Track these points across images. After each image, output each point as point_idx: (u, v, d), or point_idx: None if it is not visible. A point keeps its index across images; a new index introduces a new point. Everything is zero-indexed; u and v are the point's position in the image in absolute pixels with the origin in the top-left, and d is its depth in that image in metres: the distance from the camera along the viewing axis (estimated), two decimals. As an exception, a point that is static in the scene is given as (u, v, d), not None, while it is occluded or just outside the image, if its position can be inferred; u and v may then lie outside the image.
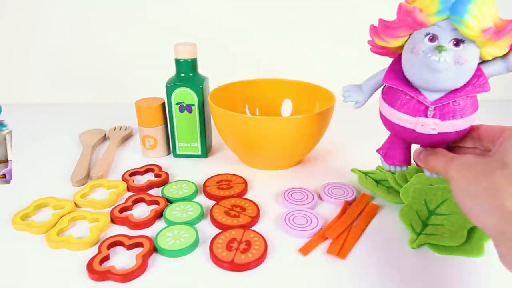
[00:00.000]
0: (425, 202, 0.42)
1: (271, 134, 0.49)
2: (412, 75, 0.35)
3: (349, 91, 0.42)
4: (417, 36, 0.34)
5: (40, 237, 0.41)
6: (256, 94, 0.63)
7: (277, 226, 0.43)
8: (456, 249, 0.38)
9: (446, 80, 0.34)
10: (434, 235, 0.39)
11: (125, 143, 0.65)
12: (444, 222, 0.40)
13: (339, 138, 0.65)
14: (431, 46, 0.33)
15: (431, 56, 0.33)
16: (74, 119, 0.74)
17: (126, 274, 0.35)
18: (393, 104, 0.37)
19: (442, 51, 0.32)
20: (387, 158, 0.43)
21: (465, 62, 0.33)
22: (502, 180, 0.27)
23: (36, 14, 0.78)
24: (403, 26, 0.35)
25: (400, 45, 0.36)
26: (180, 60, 0.54)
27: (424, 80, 0.34)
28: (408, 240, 0.40)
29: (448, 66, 0.33)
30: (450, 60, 0.33)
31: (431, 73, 0.33)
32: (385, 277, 0.36)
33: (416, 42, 0.34)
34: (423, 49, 0.33)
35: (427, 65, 0.33)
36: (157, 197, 0.47)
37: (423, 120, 0.35)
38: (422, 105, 0.35)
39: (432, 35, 0.33)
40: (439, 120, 0.35)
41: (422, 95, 0.35)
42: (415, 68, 0.34)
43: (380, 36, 0.37)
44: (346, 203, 0.46)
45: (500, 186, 0.27)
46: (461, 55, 0.33)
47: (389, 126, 0.40)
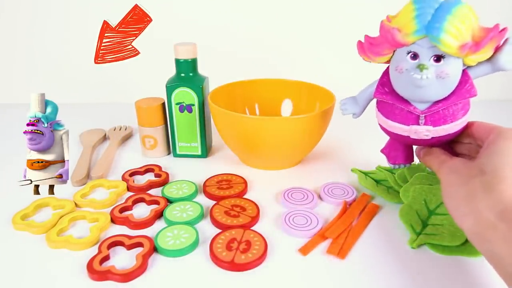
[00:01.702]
0: (425, 202, 0.42)
1: (271, 134, 0.49)
2: (399, 90, 0.37)
3: (345, 104, 0.45)
4: (400, 53, 0.36)
5: (40, 237, 0.41)
6: (256, 94, 0.63)
7: (277, 226, 0.43)
8: (456, 249, 0.38)
9: (431, 94, 0.35)
10: (434, 235, 0.39)
11: (125, 143, 0.65)
12: (444, 222, 0.40)
13: (339, 138, 0.65)
14: (413, 64, 0.35)
15: (413, 74, 0.34)
16: (74, 119, 0.73)
17: (126, 274, 0.35)
18: (387, 115, 0.40)
19: (424, 69, 0.34)
20: (390, 158, 0.45)
21: (447, 76, 0.34)
22: (479, 186, 0.30)
23: (36, 13, 0.78)
24: (385, 44, 0.36)
25: (387, 60, 0.38)
26: (180, 60, 0.54)
27: (410, 94, 0.36)
28: (408, 240, 0.40)
29: (431, 82, 0.34)
30: (432, 76, 0.34)
31: (416, 89, 0.35)
32: (385, 277, 0.36)
33: (399, 61, 0.36)
34: (406, 67, 0.35)
35: (411, 82, 0.35)
36: (157, 197, 0.47)
37: (415, 128, 0.37)
38: (413, 115, 0.37)
39: (414, 53, 0.35)
40: (431, 127, 0.37)
41: (412, 106, 0.37)
42: (401, 84, 0.37)
43: (366, 53, 0.38)
44: (346, 203, 0.46)
45: (476, 192, 0.30)
46: (442, 70, 0.34)
47: (386, 132, 0.42)
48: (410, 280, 0.36)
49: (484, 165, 0.31)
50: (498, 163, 0.30)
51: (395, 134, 0.40)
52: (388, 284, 0.35)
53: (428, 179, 0.45)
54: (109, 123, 0.69)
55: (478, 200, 0.29)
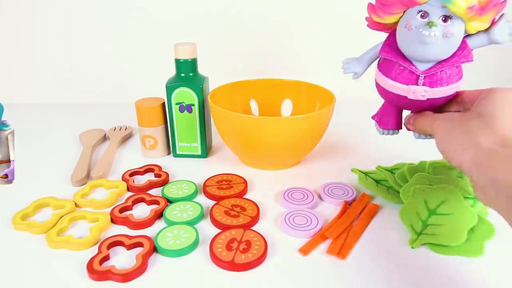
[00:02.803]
0: (425, 202, 0.42)
1: (271, 134, 0.49)
2: (405, 48, 0.39)
3: (348, 63, 0.45)
4: (410, 13, 0.38)
5: (40, 237, 0.41)
6: (256, 94, 0.63)
7: (277, 226, 0.43)
8: (456, 249, 0.38)
9: (435, 52, 0.38)
10: (434, 235, 0.39)
11: (125, 143, 0.65)
12: (444, 222, 0.40)
13: (339, 138, 0.65)
14: (423, 22, 0.37)
15: (422, 31, 0.37)
16: (74, 119, 0.74)
17: (126, 274, 0.35)
18: (388, 74, 0.41)
19: (433, 26, 0.36)
20: (381, 123, 0.47)
21: (452, 36, 0.37)
22: (476, 124, 0.32)
23: (36, 13, 0.78)
24: (398, 4, 0.38)
25: (395, 21, 0.40)
26: (180, 60, 0.54)
27: (415, 52, 0.39)
28: (409, 240, 0.40)
29: (437, 39, 0.37)
30: (439, 34, 0.37)
31: (422, 46, 0.38)
32: (385, 277, 0.36)
33: (409, 19, 0.38)
34: (416, 25, 0.37)
35: (418, 38, 0.37)
36: (157, 197, 0.47)
37: (414, 88, 0.40)
38: (413, 75, 0.40)
39: (424, 12, 0.37)
40: (428, 88, 0.39)
41: (413, 65, 0.40)
42: (408, 42, 0.39)
43: (377, 13, 0.40)
44: (346, 203, 0.46)
45: (475, 129, 0.32)
46: (448, 30, 0.37)
47: (383, 93, 0.44)
48: (410, 280, 0.36)
49: (481, 110, 0.33)
50: (494, 107, 0.33)
51: (392, 94, 0.42)
52: (388, 284, 0.35)
53: (428, 179, 0.45)
54: (109, 123, 0.69)
55: (477, 135, 0.32)
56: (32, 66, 0.82)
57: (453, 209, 0.41)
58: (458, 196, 0.41)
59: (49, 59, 0.81)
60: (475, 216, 0.40)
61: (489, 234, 0.39)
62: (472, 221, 0.39)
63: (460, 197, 0.41)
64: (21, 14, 0.78)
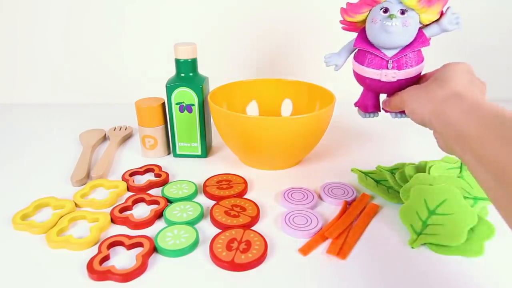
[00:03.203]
0: (425, 202, 0.42)
1: (271, 134, 0.49)
2: (373, 38, 0.48)
3: (330, 57, 0.53)
4: (375, 10, 0.47)
5: (40, 237, 0.41)
6: (256, 94, 0.63)
7: (277, 226, 0.43)
8: (456, 249, 0.38)
9: (398, 38, 0.46)
10: (434, 235, 0.39)
11: (125, 143, 0.65)
12: (444, 222, 0.40)
13: (339, 138, 0.65)
14: (385, 15, 0.46)
15: (386, 22, 0.46)
16: (74, 119, 0.74)
17: (126, 274, 0.35)
18: (362, 62, 0.50)
19: (393, 18, 0.45)
20: (362, 107, 0.54)
21: (410, 24, 0.46)
22: (434, 85, 0.41)
23: (35, 13, 0.78)
24: (364, 5, 0.48)
25: (363, 20, 0.49)
26: (180, 60, 0.54)
27: (382, 40, 0.47)
28: (409, 240, 0.40)
29: (398, 28, 0.46)
30: (399, 23, 0.46)
31: (386, 34, 0.46)
32: (385, 277, 0.36)
33: (374, 14, 0.47)
34: (380, 18, 0.46)
35: (383, 28, 0.46)
36: (157, 197, 0.47)
37: (386, 72, 0.48)
38: (383, 60, 0.48)
39: (385, 8, 0.46)
40: (397, 70, 0.48)
41: (382, 53, 0.48)
42: (375, 32, 0.47)
43: (349, 13, 0.49)
44: (346, 203, 0.46)
45: (433, 89, 0.41)
46: (406, 20, 0.46)
47: (360, 80, 0.51)
48: (410, 280, 0.36)
49: (437, 76, 0.42)
50: (448, 72, 0.41)
51: (368, 79, 0.50)
52: (388, 284, 0.35)
53: (428, 179, 0.45)
54: (109, 123, 0.69)
55: (435, 93, 0.40)
56: (32, 66, 0.82)
57: (453, 209, 0.41)
58: (458, 196, 0.41)
59: (49, 59, 0.81)
60: (475, 216, 0.40)
61: (489, 234, 0.39)
62: (472, 221, 0.39)
63: (460, 197, 0.41)
64: (21, 14, 0.78)
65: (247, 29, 0.80)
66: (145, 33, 0.80)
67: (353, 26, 0.51)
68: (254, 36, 0.81)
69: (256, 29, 0.80)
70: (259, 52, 0.82)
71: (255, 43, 0.81)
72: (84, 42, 0.81)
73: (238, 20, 0.79)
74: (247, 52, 0.82)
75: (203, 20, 0.79)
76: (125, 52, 0.81)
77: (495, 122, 0.33)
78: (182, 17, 0.79)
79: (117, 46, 0.81)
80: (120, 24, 0.79)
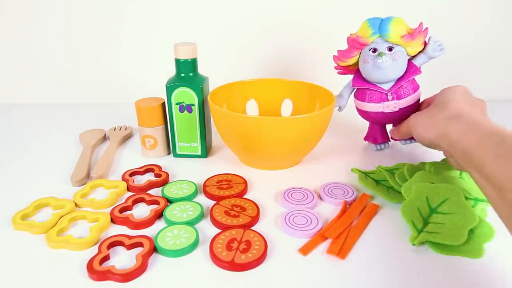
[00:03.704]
0: (427, 199, 0.42)
1: (271, 134, 0.49)
2: (368, 76, 0.53)
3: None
4: (364, 52, 0.53)
5: (40, 237, 0.41)
6: (256, 94, 0.63)
7: (277, 226, 0.43)
8: (456, 249, 0.38)
9: (390, 73, 0.51)
10: (435, 233, 0.39)
11: (125, 143, 0.65)
12: (445, 221, 0.40)
13: (339, 138, 0.65)
14: (375, 55, 0.51)
15: (376, 60, 0.51)
16: (74, 119, 0.74)
17: (126, 274, 0.35)
18: (364, 99, 0.54)
19: (383, 55, 0.50)
20: (372, 141, 0.60)
21: (398, 58, 0.51)
22: (436, 110, 0.44)
23: (35, 13, 0.78)
24: (353, 49, 0.53)
25: (355, 62, 0.55)
26: (180, 60, 0.54)
27: (377, 77, 0.52)
28: (410, 237, 0.40)
29: (389, 64, 0.51)
30: (389, 59, 0.51)
31: (380, 71, 0.51)
32: (385, 277, 0.36)
33: (365, 56, 0.52)
34: (370, 58, 0.52)
35: (376, 66, 0.51)
36: (157, 197, 0.47)
37: (387, 103, 0.53)
38: (383, 94, 0.53)
39: (373, 48, 0.52)
40: (397, 100, 0.52)
41: (380, 87, 0.53)
42: (369, 71, 0.52)
43: (341, 59, 0.55)
44: (346, 203, 0.46)
45: (436, 113, 0.44)
46: (394, 55, 0.51)
47: (365, 115, 0.57)
48: (410, 280, 0.36)
49: (438, 101, 0.46)
50: (447, 96, 0.45)
51: (373, 113, 0.54)
52: (388, 284, 0.35)
53: (430, 178, 0.45)
54: (109, 123, 0.69)
55: (438, 117, 0.43)
56: (32, 66, 0.82)
57: (454, 209, 0.41)
58: (460, 195, 0.41)
59: (49, 59, 0.81)
60: (476, 217, 0.39)
61: (489, 236, 0.39)
62: (473, 221, 0.39)
63: (461, 197, 0.41)
64: (21, 14, 0.78)
65: (247, 29, 0.80)
66: (145, 33, 0.80)
67: (347, 70, 0.57)
68: (254, 36, 0.81)
69: (256, 29, 0.80)
70: (259, 52, 0.82)
71: (255, 43, 0.81)
72: (84, 42, 0.80)
73: (238, 20, 0.79)
74: (247, 52, 0.82)
75: (203, 20, 0.79)
76: (125, 52, 0.81)
77: (495, 140, 0.35)
78: (182, 17, 0.79)
79: (117, 46, 0.81)
80: (120, 24, 0.79)
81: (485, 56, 0.83)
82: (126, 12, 0.78)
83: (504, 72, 0.84)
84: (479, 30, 0.81)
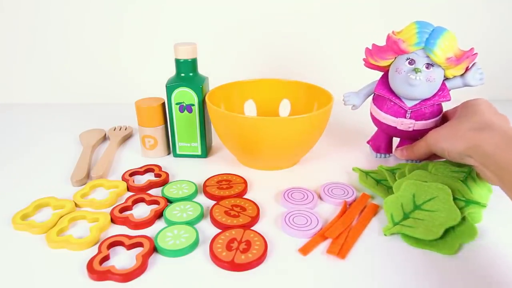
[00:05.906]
0: (414, 196, 0.43)
1: (269, 134, 0.49)
2: (395, 87, 0.49)
3: (348, 96, 0.54)
4: (400, 59, 0.48)
5: (40, 237, 0.41)
6: (254, 94, 0.63)
7: (277, 226, 0.43)
8: (428, 243, 0.39)
9: (420, 92, 0.47)
10: (410, 227, 0.40)
11: (125, 143, 0.65)
12: (425, 217, 0.41)
13: (339, 138, 0.65)
14: (410, 68, 0.46)
15: (410, 75, 0.46)
16: (74, 119, 0.74)
17: (126, 274, 0.35)
18: (381, 108, 0.51)
19: (418, 72, 0.46)
20: (374, 148, 0.57)
21: (434, 80, 0.46)
22: (459, 122, 0.43)
23: (35, 13, 0.78)
24: (390, 51, 0.48)
25: (387, 65, 0.50)
26: (180, 60, 0.54)
27: (404, 91, 0.48)
28: (383, 228, 0.40)
29: (421, 82, 0.46)
30: (423, 78, 0.46)
31: (409, 87, 0.47)
32: (385, 277, 0.36)
33: (399, 64, 0.47)
34: (404, 70, 0.47)
35: (406, 81, 0.46)
36: (157, 197, 0.47)
37: (402, 120, 0.49)
38: (402, 109, 0.49)
39: (411, 59, 0.47)
40: (414, 121, 0.49)
41: (403, 102, 0.49)
42: (398, 83, 0.48)
43: (373, 57, 0.50)
44: (346, 203, 0.46)
45: (462, 127, 0.42)
46: (431, 75, 0.46)
47: (377, 123, 0.54)
48: (410, 280, 0.36)
49: (461, 113, 0.44)
50: (473, 108, 0.43)
51: (385, 125, 0.51)
52: (388, 284, 0.35)
53: (425, 177, 0.45)
54: (109, 123, 0.69)
55: (465, 129, 0.41)
56: (32, 66, 0.82)
57: (438, 207, 0.41)
58: (448, 195, 0.42)
59: (49, 59, 0.81)
60: (458, 216, 0.40)
61: (469, 237, 0.39)
62: (453, 220, 0.39)
63: (449, 197, 0.41)
64: (21, 14, 0.78)
65: (247, 29, 0.80)
66: (145, 33, 0.80)
67: (375, 67, 0.52)
68: (254, 36, 0.81)
69: (256, 29, 0.80)
70: (259, 52, 0.82)
71: (255, 43, 0.81)
72: (84, 42, 0.80)
73: (238, 20, 0.79)
74: (247, 52, 0.82)
75: (203, 20, 0.79)
76: (125, 52, 0.81)
77: None
78: (182, 17, 0.79)
79: (117, 46, 0.81)
80: (120, 24, 0.79)
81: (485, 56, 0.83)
82: (126, 12, 0.78)
83: (504, 72, 0.85)
84: (479, 30, 0.81)
